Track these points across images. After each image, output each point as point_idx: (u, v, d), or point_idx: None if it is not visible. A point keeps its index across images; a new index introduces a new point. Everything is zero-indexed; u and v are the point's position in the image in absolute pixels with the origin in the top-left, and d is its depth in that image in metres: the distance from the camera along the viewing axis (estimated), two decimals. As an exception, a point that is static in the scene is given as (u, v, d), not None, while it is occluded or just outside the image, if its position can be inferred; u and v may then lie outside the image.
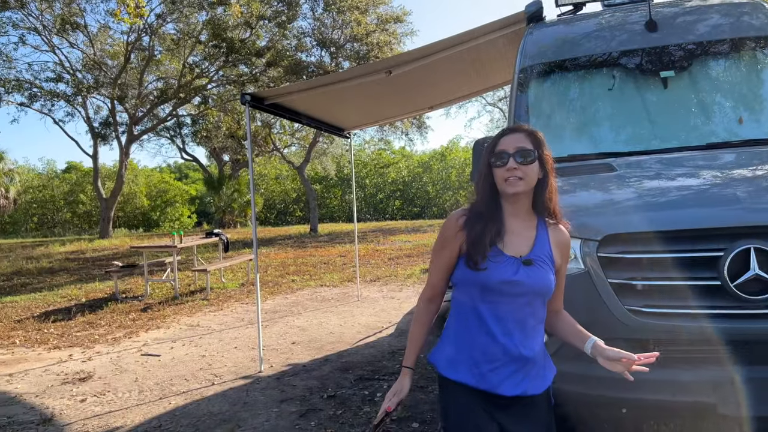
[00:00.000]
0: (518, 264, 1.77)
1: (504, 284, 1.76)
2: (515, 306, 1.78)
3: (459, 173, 38.10)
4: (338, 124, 7.74)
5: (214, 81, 22.61)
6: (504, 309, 1.79)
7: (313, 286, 9.82)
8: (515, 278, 1.76)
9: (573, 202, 3.00)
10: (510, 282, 1.76)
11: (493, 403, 1.82)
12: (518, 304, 1.78)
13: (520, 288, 1.76)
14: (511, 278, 1.76)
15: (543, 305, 1.84)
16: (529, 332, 1.80)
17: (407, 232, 20.10)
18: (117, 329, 7.05)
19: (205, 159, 36.48)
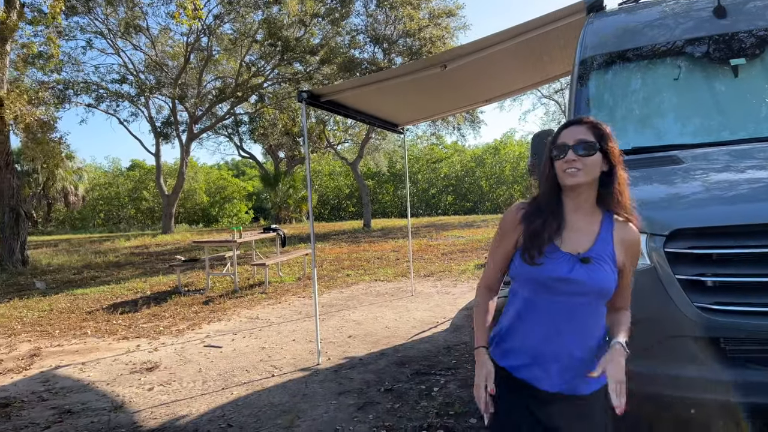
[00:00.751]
0: (574, 261, 1.73)
1: (557, 281, 1.72)
2: (570, 304, 1.73)
3: (513, 167, 37.54)
4: (392, 119, 7.76)
5: (270, 79, 23.05)
6: (558, 307, 1.74)
7: (367, 280, 9.90)
8: (570, 276, 1.72)
9: (638, 196, 2.90)
10: (564, 280, 1.72)
11: (535, 397, 1.80)
12: (574, 303, 1.73)
13: (576, 287, 1.71)
14: (566, 276, 1.72)
15: (602, 305, 1.78)
16: (585, 332, 1.76)
17: (460, 227, 19.97)
18: (181, 321, 7.32)
19: (261, 156, 37.32)
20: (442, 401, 4.14)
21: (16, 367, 5.50)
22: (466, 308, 7.26)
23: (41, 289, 10.63)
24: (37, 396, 4.65)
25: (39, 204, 40.06)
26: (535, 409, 1.80)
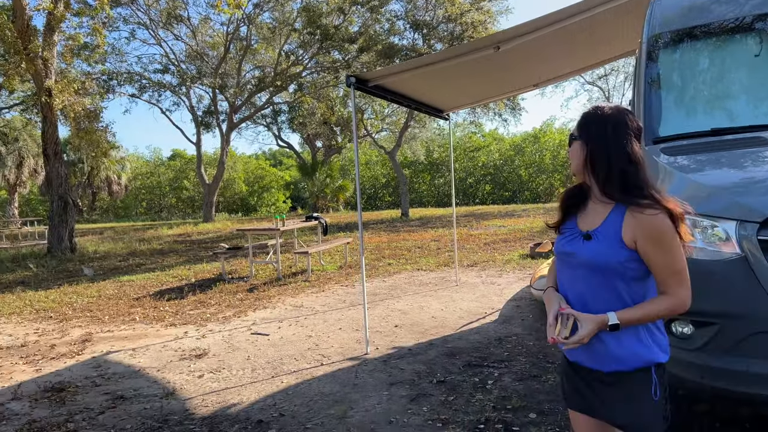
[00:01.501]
0: (579, 237, 1.84)
1: (563, 254, 1.89)
2: (573, 278, 1.84)
3: (553, 156, 36.82)
4: (438, 105, 7.59)
5: (309, 68, 23.05)
6: (565, 277, 1.90)
7: (409, 269, 9.79)
8: (568, 249, 1.86)
9: (721, 181, 2.70)
10: (567, 252, 1.86)
11: (572, 368, 1.94)
12: (575, 277, 1.83)
13: (573, 259, 1.83)
14: (565, 249, 1.87)
15: (606, 284, 1.78)
16: (587, 305, 1.81)
17: (500, 216, 19.67)
18: (226, 308, 7.34)
19: (299, 146, 37.51)
20: (498, 395, 4.00)
21: (69, 352, 5.58)
22: (515, 299, 7.07)
23: (89, 275, 10.86)
24: (90, 381, 4.69)
25: (84, 193, 41.20)
26: (566, 373, 1.98)
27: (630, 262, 1.74)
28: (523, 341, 5.29)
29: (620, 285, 1.76)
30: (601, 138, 1.80)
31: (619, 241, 1.75)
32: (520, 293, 7.40)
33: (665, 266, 1.72)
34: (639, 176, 1.76)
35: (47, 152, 13.32)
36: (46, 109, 12.88)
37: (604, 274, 1.76)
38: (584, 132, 1.85)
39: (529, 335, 5.48)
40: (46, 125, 13.18)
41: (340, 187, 31.10)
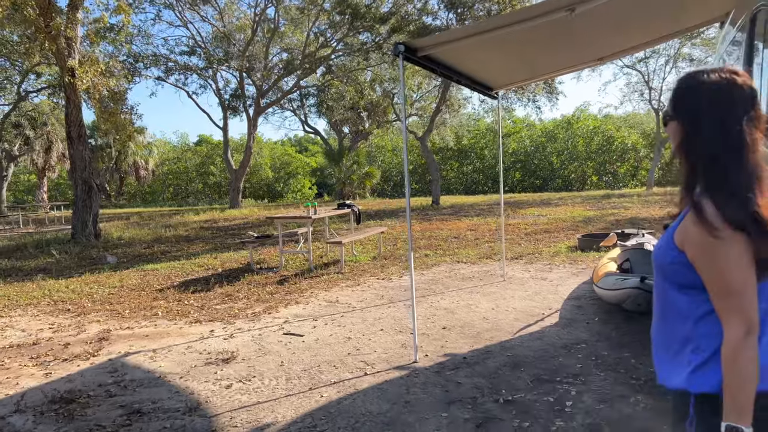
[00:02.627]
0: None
1: None
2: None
3: (586, 142, 35.65)
4: (488, 81, 6.87)
5: (337, 51, 22.37)
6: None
7: (448, 261, 9.12)
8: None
9: None
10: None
11: None
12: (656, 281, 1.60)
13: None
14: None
15: (671, 287, 1.51)
16: (659, 314, 1.59)
17: (536, 205, 18.83)
18: (256, 303, 6.77)
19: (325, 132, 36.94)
20: (582, 421, 3.33)
21: (83, 353, 5.05)
22: (574, 298, 6.36)
23: (112, 263, 10.41)
24: (104, 390, 4.14)
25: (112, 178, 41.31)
26: None
27: (678, 265, 1.48)
28: (595, 350, 4.59)
29: (673, 291, 1.51)
30: (694, 115, 1.43)
31: (672, 239, 1.51)
32: (579, 291, 6.69)
33: (708, 281, 1.42)
34: (732, 168, 1.37)
35: (71, 135, 12.90)
36: (69, 90, 12.44)
37: (659, 274, 1.56)
38: (677, 107, 1.49)
39: (600, 342, 4.78)
40: (69, 107, 12.75)
41: (367, 174, 30.48)
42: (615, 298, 5.31)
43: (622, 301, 5.28)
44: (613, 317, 5.49)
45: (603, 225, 12.29)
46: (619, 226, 12.05)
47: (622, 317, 5.45)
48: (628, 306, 5.32)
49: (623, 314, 5.49)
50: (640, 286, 4.99)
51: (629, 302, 5.22)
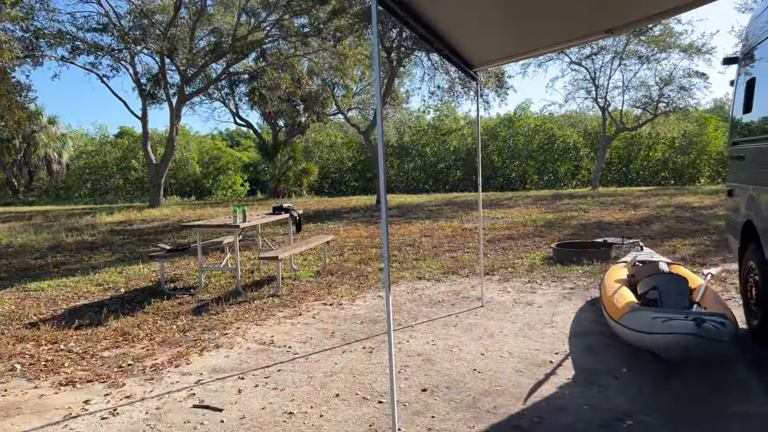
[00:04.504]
0: None
1: None
2: None
3: (527, 141, 35.13)
4: (469, 56, 5.38)
5: (272, 36, 20.43)
6: None
7: (408, 278, 7.59)
8: None
9: None
10: None
11: None
12: None
13: None
14: None
15: None
16: None
17: (486, 206, 17.63)
18: (160, 347, 4.99)
19: (258, 125, 34.74)
20: None
21: None
22: (580, 334, 4.96)
23: (-15, 281, 8.26)
24: None
25: (20, 172, 37.47)
26: None
27: None
28: (648, 430, 3.17)
29: None
30: None
31: None
32: (581, 322, 5.30)
33: None
34: None
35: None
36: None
37: None
38: None
39: (651, 416, 3.36)
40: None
41: (304, 171, 28.61)
42: (655, 344, 3.93)
43: (665, 349, 3.91)
44: (645, 367, 4.10)
45: (571, 231, 11.12)
46: (588, 232, 10.92)
47: (658, 368, 4.08)
48: (671, 355, 3.95)
49: (655, 361, 4.12)
50: (697, 332, 3.62)
51: (675, 351, 3.85)
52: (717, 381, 3.86)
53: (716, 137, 32.74)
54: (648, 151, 33.49)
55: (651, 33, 22.64)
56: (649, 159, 33.60)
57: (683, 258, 7.93)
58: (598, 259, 7.95)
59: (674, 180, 32.12)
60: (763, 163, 4.29)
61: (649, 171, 33.42)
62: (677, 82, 24.06)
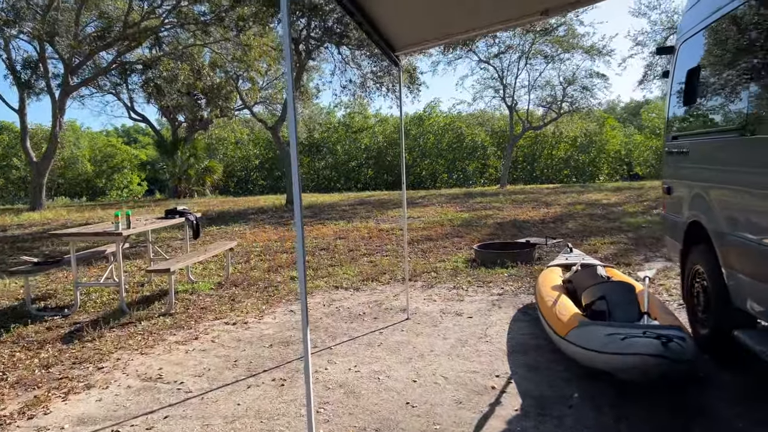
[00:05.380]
0: None
1: None
2: None
3: (437, 140, 35.25)
4: (392, 37, 4.72)
5: (168, 23, 18.88)
6: None
7: (323, 287, 6.84)
8: None
9: None
10: None
11: None
12: None
13: None
14: None
15: None
16: None
17: (400, 205, 17.14)
18: (11, 391, 3.94)
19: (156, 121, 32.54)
20: None
21: None
22: (518, 350, 4.42)
23: None
24: None
25: None
26: None
27: None
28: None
29: None
30: None
31: None
32: (516, 335, 4.77)
33: None
34: None
35: None
36: None
37: None
38: None
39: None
40: None
41: (207, 169, 26.99)
42: (611, 365, 3.44)
43: (624, 371, 3.42)
44: (599, 391, 3.61)
45: (489, 231, 10.79)
46: (506, 231, 10.64)
47: (611, 391, 3.59)
48: (629, 376, 3.47)
49: (607, 382, 3.64)
50: (664, 353, 3.15)
51: (635, 372, 3.37)
52: (677, 403, 3.43)
53: (614, 136, 34.38)
54: (551, 150, 34.58)
55: (556, 33, 23.16)
56: (552, 157, 34.71)
57: (606, 258, 7.71)
58: (522, 261, 7.56)
59: (576, 177, 33.34)
60: (714, 158, 3.92)
61: (553, 169, 34.53)
62: (580, 82, 24.81)
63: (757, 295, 3.34)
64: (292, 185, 2.58)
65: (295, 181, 2.59)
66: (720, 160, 3.83)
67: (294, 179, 2.59)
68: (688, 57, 4.63)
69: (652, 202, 14.31)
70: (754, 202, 3.32)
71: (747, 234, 3.37)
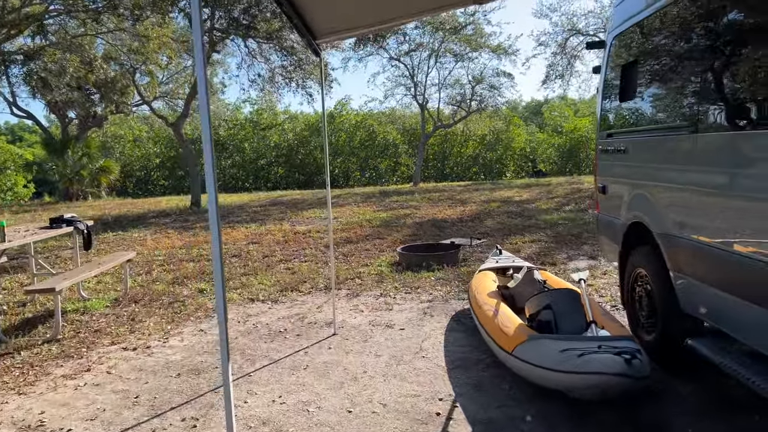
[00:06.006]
0: None
1: None
2: None
3: (349, 137, 34.84)
4: (313, 24, 4.22)
5: (54, 10, 17.17)
6: None
7: (237, 301, 6.21)
8: None
9: None
10: None
11: None
12: None
13: None
14: None
15: None
16: None
17: (316, 206, 16.59)
18: None
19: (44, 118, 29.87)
20: None
21: None
22: (458, 367, 4.07)
23: None
24: None
25: None
26: None
27: None
28: None
29: None
30: None
31: None
32: (454, 348, 4.42)
33: None
34: None
35: None
36: None
37: None
38: None
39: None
40: None
41: (102, 169, 24.98)
42: (568, 385, 3.15)
43: (582, 390, 3.14)
44: (553, 410, 3.31)
45: (410, 231, 10.48)
46: (426, 231, 10.38)
47: (566, 410, 3.31)
48: (586, 395, 3.20)
49: (559, 399, 3.36)
50: (626, 371, 2.89)
51: (595, 391, 3.10)
52: (635, 420, 3.19)
53: (519, 134, 35.46)
54: (461, 148, 35.12)
55: (464, 32, 23.39)
56: (461, 155, 35.26)
57: (530, 257, 7.60)
58: (448, 263, 7.29)
59: (484, 175, 34.06)
60: (659, 157, 3.74)
61: (462, 167, 35.08)
62: (487, 81, 25.24)
63: (711, 300, 3.17)
64: (206, 184, 2.09)
65: (210, 183, 2.07)
66: (666, 159, 3.65)
67: (209, 179, 2.07)
68: (622, 51, 4.47)
69: (562, 199, 14.64)
70: (707, 201, 3.13)
71: (700, 236, 3.18)
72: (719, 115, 3.06)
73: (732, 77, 2.95)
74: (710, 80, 3.14)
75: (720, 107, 3.06)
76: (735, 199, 2.86)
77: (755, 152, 2.71)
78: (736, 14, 2.97)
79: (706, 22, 3.15)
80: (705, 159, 3.17)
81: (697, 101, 3.27)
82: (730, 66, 2.97)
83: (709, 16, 3.12)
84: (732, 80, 2.95)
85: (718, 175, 3.00)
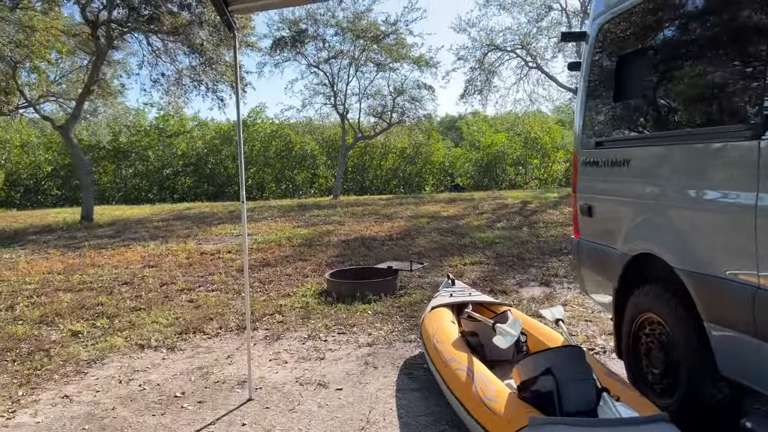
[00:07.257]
0: None
1: None
2: None
3: (264, 147, 33.21)
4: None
5: None
6: None
7: (122, 349, 4.82)
8: None
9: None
10: None
11: None
12: None
13: None
14: None
15: None
16: None
17: (227, 220, 15.06)
18: None
19: None
20: None
21: None
22: (427, 453, 3.00)
23: None
24: None
25: None
26: None
27: None
28: None
29: None
30: None
31: None
32: (415, 421, 3.35)
33: None
34: None
35: None
36: None
37: None
38: None
39: None
40: None
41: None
42: None
43: None
44: None
45: (336, 251, 9.32)
46: (355, 251, 9.28)
47: None
48: None
49: None
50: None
51: None
52: None
53: (438, 148, 35.25)
54: (380, 161, 34.39)
55: (386, 41, 22.66)
56: (381, 168, 34.52)
57: (476, 283, 6.69)
58: (386, 293, 6.23)
59: (404, 188, 33.47)
60: (691, 169, 2.86)
61: (382, 180, 34.34)
62: (409, 93, 24.63)
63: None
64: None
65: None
66: (700, 174, 2.77)
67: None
68: (618, 39, 3.62)
69: (491, 215, 14.03)
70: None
71: (760, 280, 2.31)
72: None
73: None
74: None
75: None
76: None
77: None
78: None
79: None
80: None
81: (760, 93, 2.41)
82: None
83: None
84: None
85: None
